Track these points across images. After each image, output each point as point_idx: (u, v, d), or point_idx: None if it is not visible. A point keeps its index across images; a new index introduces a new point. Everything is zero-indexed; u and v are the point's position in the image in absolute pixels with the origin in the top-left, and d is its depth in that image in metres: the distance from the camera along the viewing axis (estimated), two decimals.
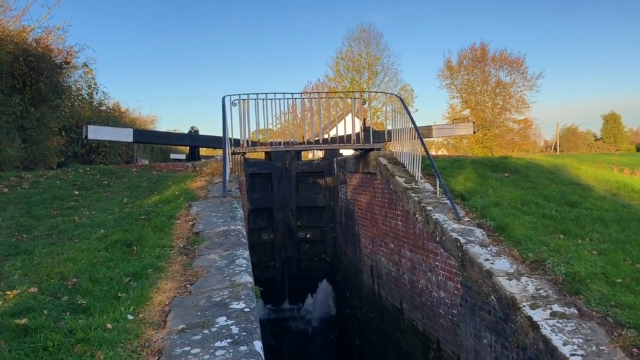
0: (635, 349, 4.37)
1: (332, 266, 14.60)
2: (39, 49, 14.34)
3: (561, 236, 6.90)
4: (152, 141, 20.74)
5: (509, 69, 39.58)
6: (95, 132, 13.47)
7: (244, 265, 5.29)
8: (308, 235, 14.95)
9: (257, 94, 10.51)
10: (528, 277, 5.81)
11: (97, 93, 21.16)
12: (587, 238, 6.86)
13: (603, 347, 4.44)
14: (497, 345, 5.86)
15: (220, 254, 5.68)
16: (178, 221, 7.16)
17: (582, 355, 4.35)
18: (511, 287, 5.60)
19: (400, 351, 9.29)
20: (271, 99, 10.60)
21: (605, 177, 10.62)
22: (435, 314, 7.71)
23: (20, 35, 14.25)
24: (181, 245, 6.12)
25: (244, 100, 10.39)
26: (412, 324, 8.69)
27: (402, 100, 10.55)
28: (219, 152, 15.51)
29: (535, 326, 4.92)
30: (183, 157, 26.54)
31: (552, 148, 51.13)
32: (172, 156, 30.91)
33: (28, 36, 14.78)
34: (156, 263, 5.41)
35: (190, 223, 7.02)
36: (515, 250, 6.47)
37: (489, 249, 6.52)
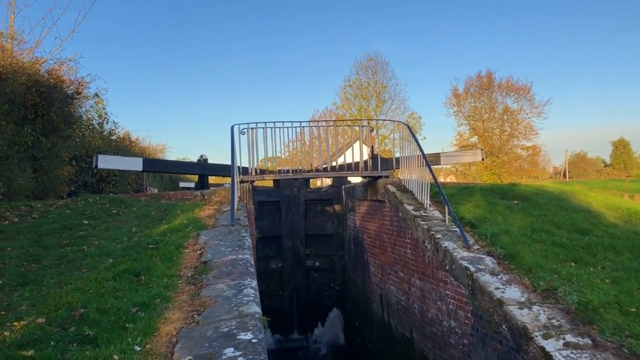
0: None
1: (341, 295, 14.45)
2: (51, 80, 14.57)
3: (572, 264, 6.81)
4: (162, 170, 20.87)
5: (516, 96, 39.67)
6: (105, 162, 13.58)
7: (252, 295, 5.25)
8: (317, 264, 14.84)
9: (265, 122, 10.59)
10: (540, 306, 5.72)
11: (107, 123, 21.44)
12: (599, 266, 6.77)
13: None
14: None
15: (228, 283, 5.65)
16: (186, 250, 7.15)
17: None
18: (523, 316, 5.51)
19: None
20: (279, 128, 10.67)
21: (616, 204, 10.52)
22: (446, 343, 7.59)
23: (33, 67, 14.51)
24: (189, 275, 6.10)
25: (252, 129, 10.47)
26: (423, 354, 8.56)
27: (409, 127, 10.59)
28: (228, 179, 15.57)
29: (548, 357, 4.82)
30: (192, 185, 26.67)
31: (562, 174, 50.90)
32: (182, 184, 31.08)
33: (41, 68, 15.04)
34: (164, 293, 5.39)
35: (199, 252, 7.01)
36: (526, 279, 6.39)
37: (499, 277, 6.44)
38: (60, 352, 4.02)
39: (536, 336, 5.13)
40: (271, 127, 10.63)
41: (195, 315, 4.82)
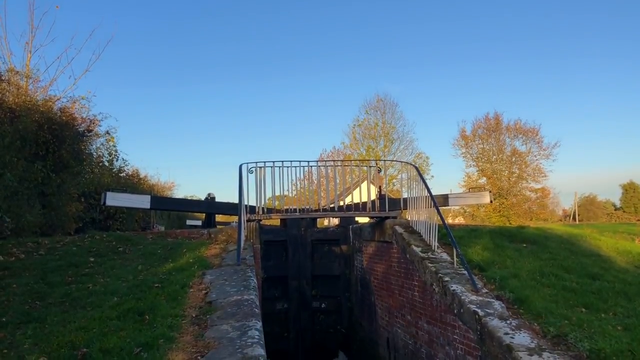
0: None
1: (347, 338, 14.21)
2: (64, 118, 14.77)
3: (583, 310, 6.70)
4: (169, 208, 20.91)
5: (524, 138, 39.68)
6: (114, 199, 13.64)
7: (257, 337, 5.18)
8: (323, 305, 14.65)
9: (273, 161, 10.65)
10: (550, 352, 5.60)
11: (117, 160, 21.58)
12: (611, 312, 6.66)
13: None
14: None
15: (233, 324, 5.58)
16: (191, 290, 7.09)
17: None
18: None
19: None
20: (287, 167, 10.72)
21: (627, 249, 10.40)
22: None
23: (47, 104, 14.74)
24: (193, 315, 6.04)
25: (260, 167, 10.53)
26: None
27: (417, 168, 10.61)
28: (235, 218, 15.56)
29: None
30: (199, 223, 26.64)
31: (571, 217, 50.49)
32: (188, 222, 31.06)
33: (54, 105, 15.28)
34: (168, 333, 5.33)
35: (204, 292, 6.95)
36: (535, 324, 6.28)
37: (508, 322, 6.33)
38: None
39: None
40: (279, 167, 10.68)
41: (199, 357, 4.75)
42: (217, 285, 7.20)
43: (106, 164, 20.56)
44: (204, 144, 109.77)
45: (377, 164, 13.97)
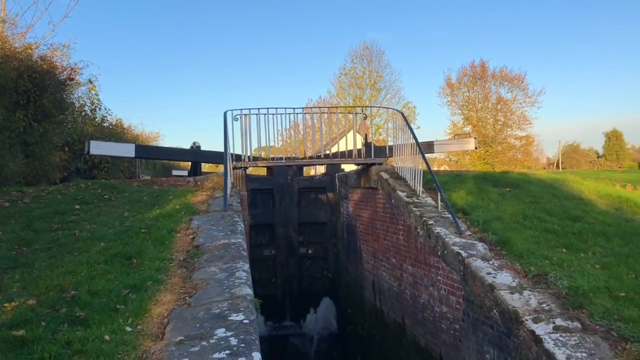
0: None
1: (333, 282, 14.49)
2: (44, 66, 14.42)
3: (564, 250, 6.86)
4: (154, 157, 20.75)
5: (510, 86, 39.72)
6: (98, 148, 13.51)
7: (244, 277, 5.26)
8: (310, 252, 14.85)
9: (258, 108, 10.54)
10: (531, 291, 5.76)
11: (100, 109, 21.23)
12: (590, 252, 6.82)
13: None
14: None
15: (220, 266, 5.65)
16: (178, 235, 7.14)
17: None
18: (514, 301, 5.55)
19: None
20: (273, 114, 10.62)
21: (608, 192, 10.58)
22: (438, 329, 7.64)
23: (26, 52, 14.34)
24: (181, 258, 6.10)
25: (245, 115, 10.42)
26: (414, 339, 8.61)
27: (403, 115, 10.58)
28: (222, 168, 15.53)
29: (538, 340, 4.86)
30: (185, 173, 26.56)
31: (555, 165, 51.03)
32: (174, 173, 30.92)
33: (33, 53, 14.88)
34: (156, 276, 5.39)
35: (191, 236, 7.00)
36: (517, 264, 6.43)
37: (490, 262, 6.47)
38: (51, 332, 4.01)
39: (526, 320, 5.17)
40: (265, 114, 10.58)
41: (187, 297, 4.83)
42: (205, 230, 7.25)
43: (89, 113, 20.25)
44: (189, 95, 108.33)
45: (363, 110, 13.90)
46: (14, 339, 3.85)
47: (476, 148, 16.27)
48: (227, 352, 3.63)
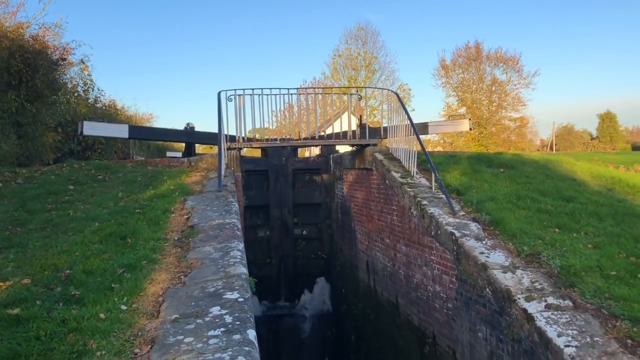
0: (629, 340, 4.37)
1: (328, 263, 14.57)
2: (36, 46, 14.25)
3: (556, 230, 6.91)
4: (148, 137, 20.64)
5: (505, 67, 39.57)
6: (91, 128, 13.41)
7: (239, 257, 5.28)
8: (304, 233, 14.90)
9: (252, 89, 10.47)
10: (523, 270, 5.81)
11: (93, 90, 21.04)
12: (582, 232, 6.88)
13: (597, 339, 4.44)
14: (493, 339, 5.86)
15: (215, 246, 5.67)
16: (173, 215, 7.14)
17: (576, 347, 4.35)
18: (506, 279, 5.60)
19: (396, 347, 9.28)
20: (267, 94, 10.56)
21: (601, 173, 10.64)
22: (431, 308, 7.71)
23: (17, 31, 14.15)
24: (176, 238, 6.11)
25: (239, 95, 10.35)
26: (408, 318, 8.69)
27: (398, 96, 10.55)
28: (216, 149, 15.47)
29: (530, 318, 4.92)
30: (179, 155, 26.47)
31: (548, 147, 51.17)
32: (169, 154, 30.80)
33: (25, 32, 14.69)
34: (150, 255, 5.40)
35: (185, 216, 7.00)
36: (510, 244, 6.48)
37: (484, 242, 6.52)
38: (47, 310, 4.02)
39: (519, 299, 5.22)
40: (259, 94, 10.52)
41: (182, 276, 4.84)
42: (199, 210, 7.25)
43: (81, 93, 20.08)
44: (183, 76, 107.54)
45: (358, 91, 13.84)
46: (9, 317, 3.85)
47: (470, 129, 16.27)
48: (222, 329, 3.65)
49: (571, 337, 4.49)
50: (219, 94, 10.15)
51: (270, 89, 10.58)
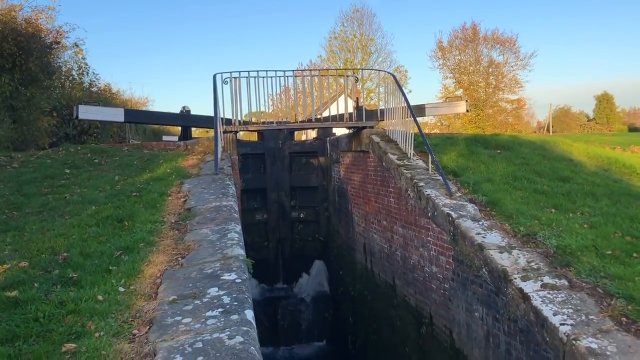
0: (624, 318, 4.40)
1: (325, 246, 14.62)
2: (29, 29, 14.14)
3: (553, 210, 6.93)
4: (144, 121, 20.56)
5: (502, 49, 39.41)
6: (86, 112, 13.32)
7: (236, 238, 5.28)
8: (301, 215, 14.93)
9: (248, 71, 10.39)
10: (519, 250, 5.84)
11: (87, 74, 20.98)
12: (579, 212, 6.90)
13: (592, 317, 4.47)
14: (489, 318, 5.90)
15: (212, 228, 5.67)
16: (170, 198, 7.13)
17: (571, 325, 4.39)
18: (502, 260, 5.62)
19: (393, 327, 9.35)
20: (263, 77, 10.49)
21: (597, 153, 10.66)
22: (428, 289, 7.75)
23: (9, 14, 14.03)
24: (173, 221, 6.11)
25: (235, 78, 10.28)
26: (405, 299, 8.75)
27: (394, 77, 10.49)
28: (212, 133, 15.42)
29: (526, 298, 4.95)
30: (175, 139, 26.41)
31: (545, 129, 51.13)
32: (165, 138, 30.71)
33: (17, 15, 14.55)
34: (147, 237, 5.40)
35: (182, 199, 7.00)
36: (506, 225, 6.49)
37: (480, 223, 6.53)
38: (44, 293, 4.03)
39: (515, 278, 5.25)
40: (255, 77, 10.45)
41: (180, 258, 4.85)
42: (196, 193, 7.25)
43: (76, 77, 20.00)
44: (179, 59, 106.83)
45: (354, 72, 13.78)
46: (7, 299, 3.86)
47: (467, 111, 16.24)
48: (220, 310, 3.67)
49: (567, 315, 4.52)
50: (214, 76, 10.07)
51: (266, 71, 10.51)
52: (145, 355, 3.19)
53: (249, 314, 3.62)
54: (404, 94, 9.59)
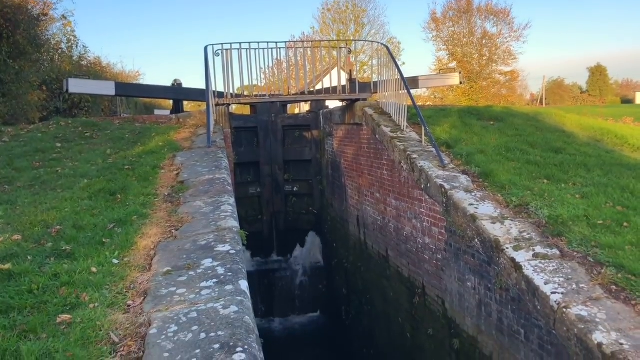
0: (613, 286, 4.46)
1: (319, 218, 14.68)
2: (15, 0, 13.87)
3: (545, 181, 6.96)
4: (135, 94, 20.33)
5: (495, 20, 39.07)
6: (77, 86, 13.16)
7: (230, 211, 5.29)
8: (295, 189, 14.94)
9: (240, 43, 10.27)
10: (512, 220, 5.87)
11: (77, 47, 20.69)
12: (571, 183, 6.93)
13: (583, 285, 4.53)
14: (481, 288, 5.97)
15: (206, 201, 5.67)
16: (162, 171, 7.12)
17: (562, 293, 4.45)
18: (495, 230, 5.66)
19: (386, 298, 9.45)
20: (255, 49, 10.37)
21: (590, 125, 10.67)
22: (420, 259, 7.82)
23: None
24: (166, 194, 6.10)
25: (227, 50, 10.15)
26: (398, 270, 8.82)
27: (388, 49, 10.41)
28: (204, 107, 15.30)
29: (518, 267, 5.00)
30: (167, 113, 26.25)
31: (538, 101, 51.09)
32: (157, 112, 30.54)
33: None
34: (141, 210, 5.40)
35: (175, 172, 6.98)
36: (499, 195, 6.52)
37: (473, 194, 6.56)
38: (38, 265, 4.04)
39: (507, 248, 5.29)
40: (247, 49, 10.33)
41: (173, 231, 4.86)
42: (189, 166, 7.23)
43: (65, 50, 19.72)
44: (169, 32, 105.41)
45: (347, 45, 13.66)
46: (0, 272, 3.87)
47: (461, 83, 16.14)
48: (215, 280, 3.69)
49: (558, 284, 4.58)
50: (205, 48, 9.95)
51: (258, 42, 10.39)
52: (140, 326, 3.21)
53: (243, 284, 3.64)
54: (397, 66, 9.52)
